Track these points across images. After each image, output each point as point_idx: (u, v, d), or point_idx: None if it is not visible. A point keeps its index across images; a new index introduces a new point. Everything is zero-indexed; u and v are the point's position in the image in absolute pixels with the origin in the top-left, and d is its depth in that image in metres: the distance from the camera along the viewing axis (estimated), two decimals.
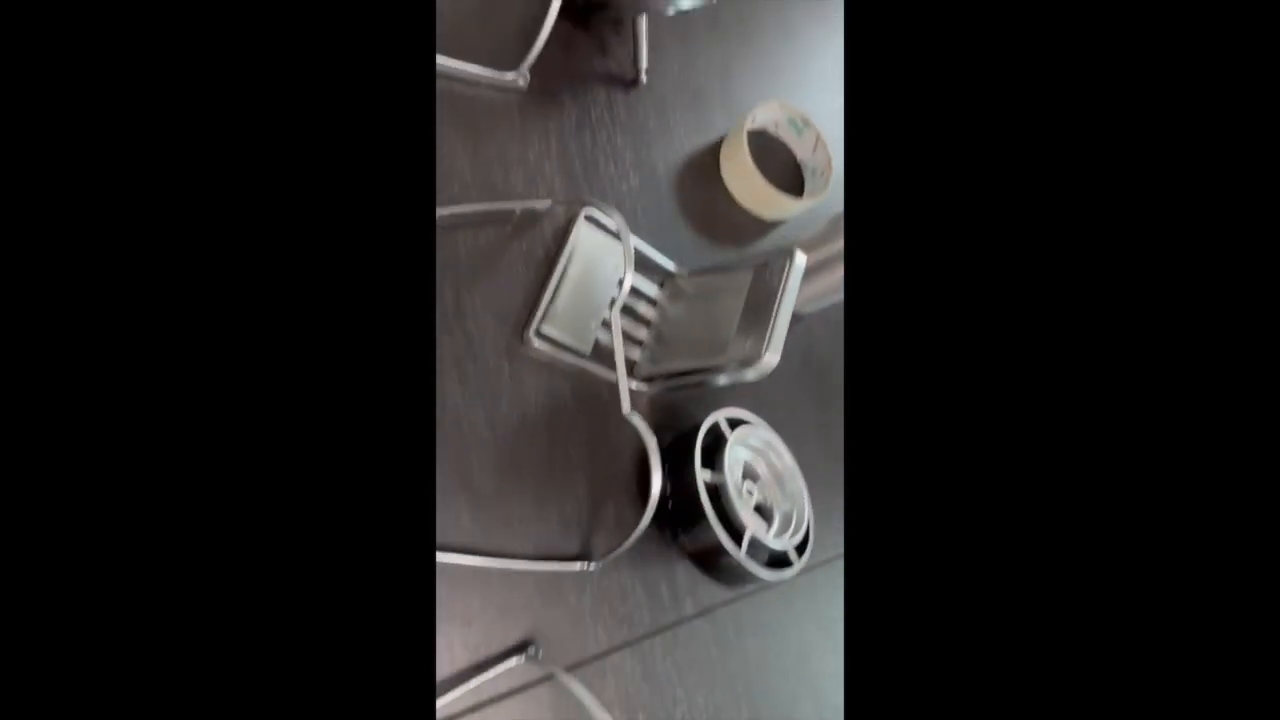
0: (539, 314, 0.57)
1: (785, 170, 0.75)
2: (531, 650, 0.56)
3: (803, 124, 0.72)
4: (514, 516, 0.56)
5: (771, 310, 0.54)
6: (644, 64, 0.67)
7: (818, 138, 0.73)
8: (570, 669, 0.56)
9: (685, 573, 0.63)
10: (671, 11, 0.68)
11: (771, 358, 0.52)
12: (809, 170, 0.75)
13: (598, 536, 0.59)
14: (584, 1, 0.64)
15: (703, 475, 0.55)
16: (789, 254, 0.55)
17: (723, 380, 0.58)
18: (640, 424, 0.52)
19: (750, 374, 0.54)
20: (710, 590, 0.65)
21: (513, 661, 0.53)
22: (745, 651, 0.67)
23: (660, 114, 0.69)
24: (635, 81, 0.68)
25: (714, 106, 0.72)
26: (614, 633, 0.60)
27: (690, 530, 0.58)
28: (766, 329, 0.53)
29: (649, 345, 0.62)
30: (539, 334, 0.57)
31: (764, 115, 0.70)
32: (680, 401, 0.65)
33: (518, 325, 0.57)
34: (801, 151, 0.75)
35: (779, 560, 0.61)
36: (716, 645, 0.65)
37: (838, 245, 0.64)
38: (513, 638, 0.57)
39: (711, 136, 0.71)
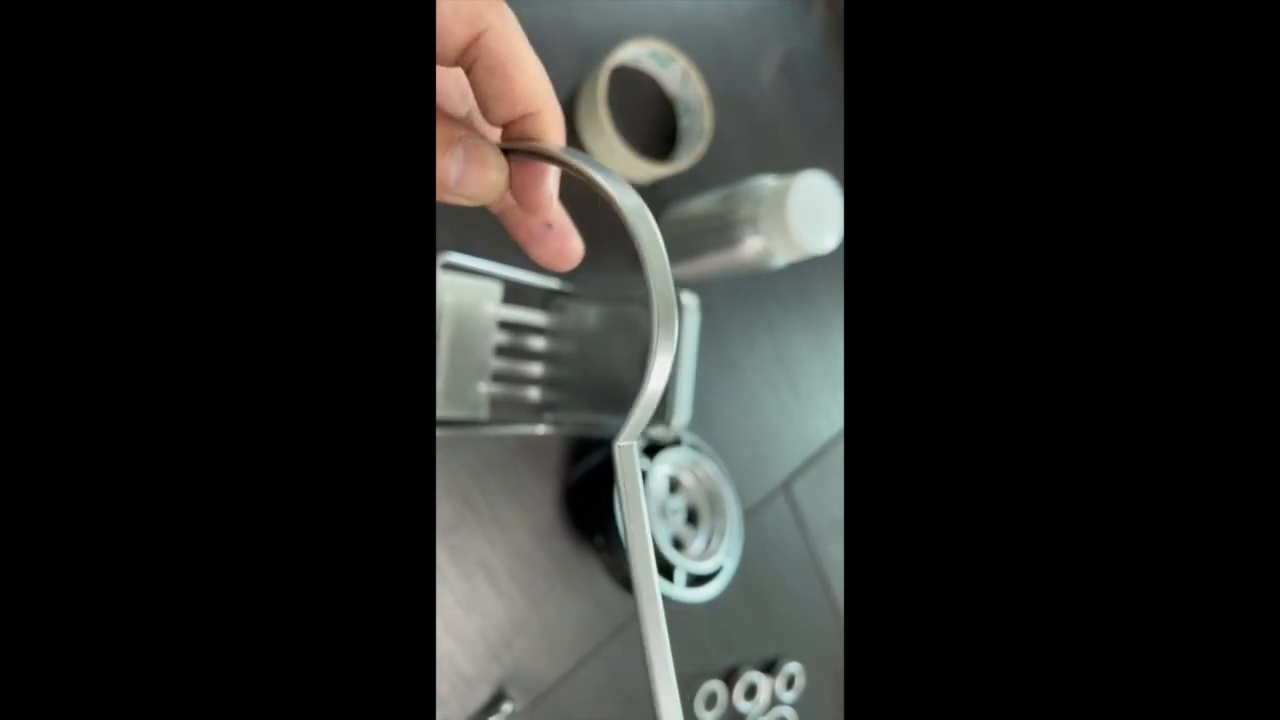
0: None
1: (653, 108, 0.65)
2: (507, 707, 0.57)
3: (666, 57, 0.61)
4: (465, 603, 0.55)
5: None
6: None
7: (684, 70, 0.62)
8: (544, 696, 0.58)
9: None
10: None
11: (680, 421, 0.49)
12: (681, 105, 0.64)
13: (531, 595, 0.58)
14: None
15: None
16: (677, 298, 0.49)
17: None
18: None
19: (659, 434, 0.50)
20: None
21: None
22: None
23: None
24: None
25: (558, 54, 0.60)
26: (574, 652, 0.62)
27: (621, 571, 0.58)
28: (673, 389, 0.49)
29: (546, 382, 0.57)
30: None
31: (621, 56, 0.59)
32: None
33: None
34: (671, 85, 0.64)
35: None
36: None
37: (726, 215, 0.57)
38: (483, 696, 0.58)
39: (566, 88, 0.60)
